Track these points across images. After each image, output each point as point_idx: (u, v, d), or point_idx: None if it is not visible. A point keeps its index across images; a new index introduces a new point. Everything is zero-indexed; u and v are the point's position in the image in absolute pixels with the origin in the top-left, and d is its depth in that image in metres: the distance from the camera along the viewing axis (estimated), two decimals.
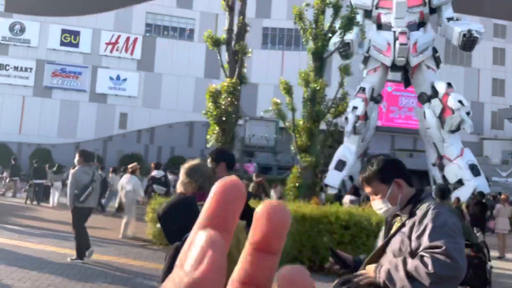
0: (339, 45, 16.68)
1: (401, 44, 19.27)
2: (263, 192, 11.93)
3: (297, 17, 14.72)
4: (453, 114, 18.73)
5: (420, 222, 1.85)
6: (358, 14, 16.68)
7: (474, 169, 18.98)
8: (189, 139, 41.84)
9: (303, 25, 14.68)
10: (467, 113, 18.89)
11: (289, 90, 14.26)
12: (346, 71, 15.03)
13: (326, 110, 14.45)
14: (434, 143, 19.83)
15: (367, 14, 21.04)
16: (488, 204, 14.46)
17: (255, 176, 13.16)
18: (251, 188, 11.95)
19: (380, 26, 20.83)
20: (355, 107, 19.33)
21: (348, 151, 20.14)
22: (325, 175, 20.07)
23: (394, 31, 19.68)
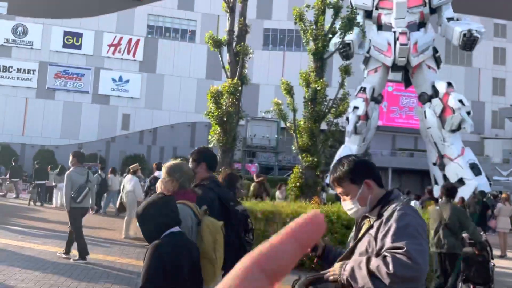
0: (340, 46, 16.75)
1: (401, 44, 19.35)
2: (264, 192, 12.01)
3: (298, 18, 14.76)
4: (454, 113, 18.78)
5: (386, 223, 1.87)
6: (358, 14, 16.76)
7: (475, 168, 19.02)
8: (191, 140, 41.96)
9: (304, 26, 14.72)
10: (468, 113, 18.94)
11: (290, 91, 14.30)
12: (346, 71, 15.05)
13: (327, 110, 14.46)
14: (435, 142, 19.87)
15: (368, 15, 21.14)
16: (489, 203, 14.51)
17: (255, 176, 13.25)
18: (252, 188, 12.05)
19: (380, 27, 20.93)
20: (356, 107, 19.43)
21: (349, 151, 20.22)
22: (326, 175, 20.15)
23: (395, 32, 19.77)
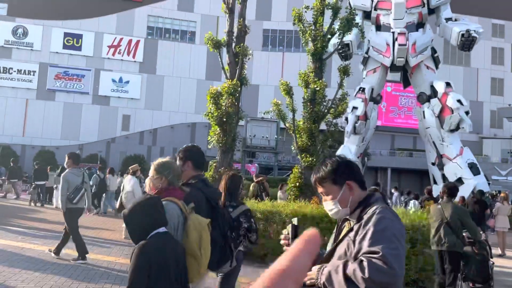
0: (338, 46, 16.84)
1: (400, 45, 19.41)
2: (264, 192, 12.08)
3: (296, 19, 14.85)
4: (452, 113, 18.83)
5: (364, 226, 1.85)
6: (357, 15, 16.83)
7: (474, 168, 19.06)
8: (191, 140, 42.04)
9: (303, 27, 14.81)
10: (466, 113, 18.99)
11: (289, 91, 14.38)
12: (345, 72, 15.13)
13: (326, 110, 14.54)
14: (433, 142, 19.93)
15: (366, 15, 21.22)
16: (487, 203, 14.57)
17: (255, 177, 13.33)
18: (251, 188, 12.12)
19: (379, 27, 20.99)
20: (355, 107, 19.49)
21: (348, 151, 20.30)
22: None
23: (393, 32, 19.83)
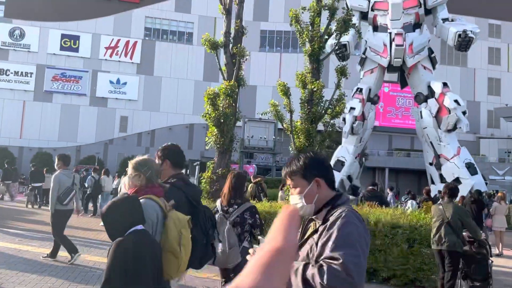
0: (336, 47, 16.88)
1: (397, 45, 19.46)
2: (262, 192, 12.07)
3: (293, 20, 14.88)
4: (450, 113, 18.89)
5: (329, 229, 1.81)
6: (354, 16, 16.88)
7: (471, 167, 19.12)
8: (189, 141, 42.05)
9: (300, 28, 14.83)
10: (463, 113, 19.05)
11: (286, 92, 14.39)
12: (342, 72, 15.16)
13: (324, 111, 14.56)
14: (431, 142, 19.98)
15: (363, 16, 21.28)
16: (484, 202, 14.61)
17: (252, 178, 13.32)
18: (249, 189, 12.12)
19: (376, 28, 21.05)
20: (352, 108, 19.53)
21: (346, 151, 20.35)
22: None
23: (390, 33, 19.90)
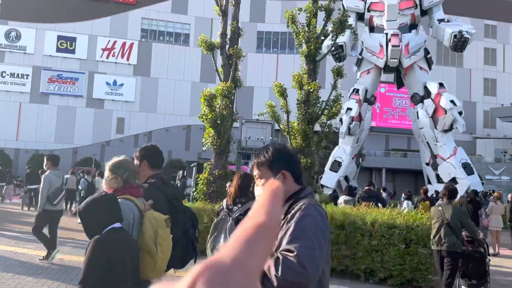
0: (332, 48, 16.94)
1: (393, 46, 19.55)
2: None
3: (290, 21, 14.93)
4: (446, 114, 18.98)
5: (289, 221, 1.82)
6: (350, 17, 16.95)
7: (467, 167, 19.21)
8: (186, 143, 42.01)
9: (296, 29, 14.88)
10: (460, 113, 19.15)
11: (283, 93, 14.42)
12: (339, 73, 15.21)
13: (320, 112, 14.60)
14: (427, 142, 20.06)
15: (360, 17, 21.36)
16: (481, 202, 14.66)
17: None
18: None
19: (372, 29, 21.14)
20: (349, 109, 19.60)
21: (343, 152, 20.41)
22: (320, 176, 20.32)
23: (386, 33, 19.98)
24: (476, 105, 43.54)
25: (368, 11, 21.00)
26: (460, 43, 19.79)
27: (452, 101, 18.99)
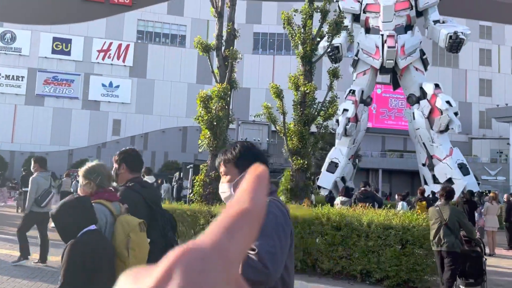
0: (328, 49, 16.98)
1: (389, 47, 19.61)
2: None
3: (286, 22, 14.96)
4: (442, 114, 19.06)
5: None
6: (346, 18, 17.01)
7: (463, 168, 19.29)
8: (182, 144, 41.93)
9: (292, 30, 14.92)
10: (455, 114, 19.23)
11: (279, 94, 14.43)
12: (335, 74, 15.25)
13: (316, 113, 14.63)
14: (423, 143, 20.13)
15: (356, 18, 21.42)
16: (477, 203, 14.72)
17: None
18: None
19: (368, 30, 21.20)
20: (345, 110, 19.64)
21: (340, 153, 20.44)
22: (317, 177, 20.35)
23: (382, 35, 20.05)
24: (471, 105, 43.73)
25: (364, 12, 21.06)
26: (455, 44, 19.88)
27: (447, 102, 19.07)
